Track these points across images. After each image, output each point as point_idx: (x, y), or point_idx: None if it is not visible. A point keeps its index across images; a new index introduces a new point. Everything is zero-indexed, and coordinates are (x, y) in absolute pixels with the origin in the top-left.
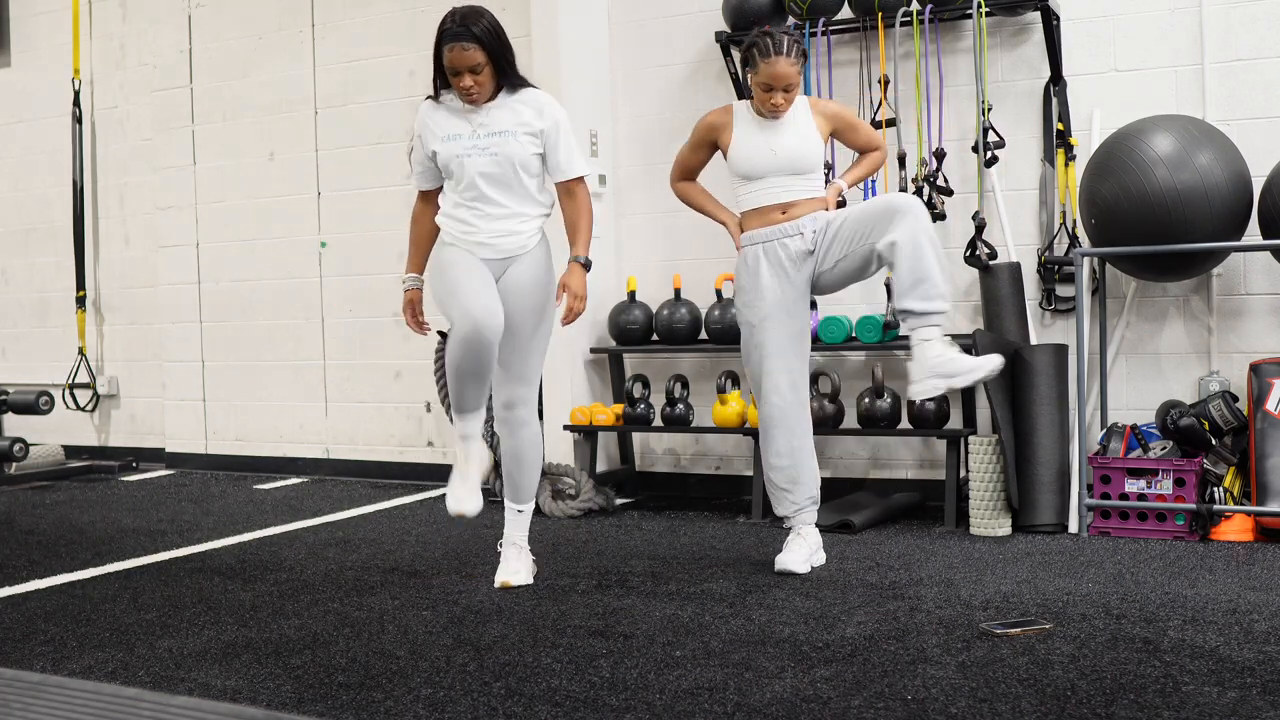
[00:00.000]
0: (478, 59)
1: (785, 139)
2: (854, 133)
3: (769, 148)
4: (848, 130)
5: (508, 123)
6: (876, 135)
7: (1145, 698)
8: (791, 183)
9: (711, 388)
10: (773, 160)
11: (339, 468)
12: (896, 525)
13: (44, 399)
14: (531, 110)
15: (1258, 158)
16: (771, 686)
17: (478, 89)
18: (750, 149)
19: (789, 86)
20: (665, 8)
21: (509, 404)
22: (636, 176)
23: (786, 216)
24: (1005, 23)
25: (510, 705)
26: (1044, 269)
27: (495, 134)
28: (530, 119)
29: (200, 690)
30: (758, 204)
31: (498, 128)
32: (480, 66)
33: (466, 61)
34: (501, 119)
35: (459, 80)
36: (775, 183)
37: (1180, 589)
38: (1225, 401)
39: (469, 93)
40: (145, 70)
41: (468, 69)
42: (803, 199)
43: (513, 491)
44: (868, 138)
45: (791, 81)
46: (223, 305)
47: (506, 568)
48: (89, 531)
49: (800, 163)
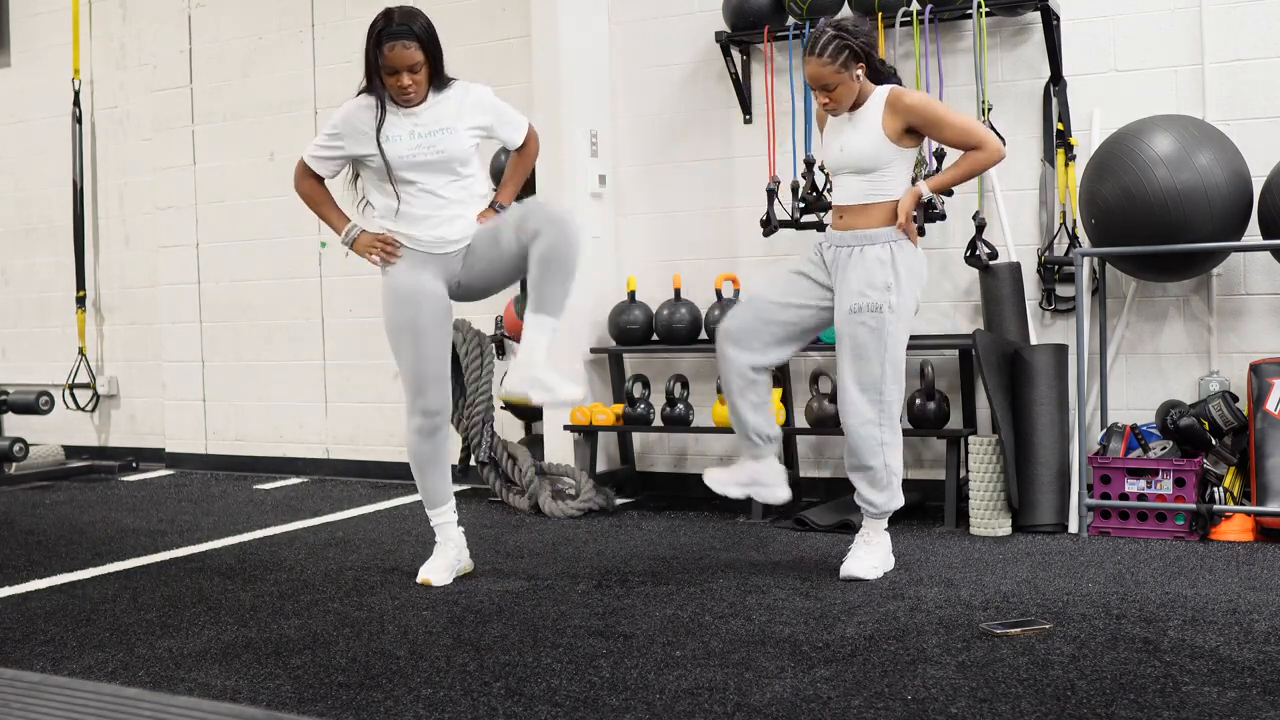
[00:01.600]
0: (417, 58)
1: (852, 137)
2: (939, 129)
3: (838, 144)
4: (930, 126)
5: (446, 119)
6: (977, 131)
7: (1145, 698)
8: (853, 183)
9: (711, 388)
10: (839, 158)
11: (339, 468)
12: (896, 525)
13: (44, 399)
14: (468, 106)
15: (1258, 158)
16: (771, 686)
17: (415, 89)
18: (828, 143)
19: (827, 86)
20: (665, 8)
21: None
22: (636, 176)
23: (843, 224)
24: (1005, 23)
25: (510, 705)
26: (1044, 269)
27: (436, 131)
28: (471, 115)
29: (200, 690)
30: (835, 201)
31: (437, 125)
32: (419, 66)
33: (406, 60)
34: (439, 116)
35: (397, 79)
36: (841, 181)
37: (1180, 589)
38: (1225, 401)
39: (405, 92)
40: (145, 70)
41: (406, 68)
42: (858, 204)
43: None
44: (961, 134)
45: (827, 81)
46: (223, 305)
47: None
48: (89, 531)
49: (861, 163)
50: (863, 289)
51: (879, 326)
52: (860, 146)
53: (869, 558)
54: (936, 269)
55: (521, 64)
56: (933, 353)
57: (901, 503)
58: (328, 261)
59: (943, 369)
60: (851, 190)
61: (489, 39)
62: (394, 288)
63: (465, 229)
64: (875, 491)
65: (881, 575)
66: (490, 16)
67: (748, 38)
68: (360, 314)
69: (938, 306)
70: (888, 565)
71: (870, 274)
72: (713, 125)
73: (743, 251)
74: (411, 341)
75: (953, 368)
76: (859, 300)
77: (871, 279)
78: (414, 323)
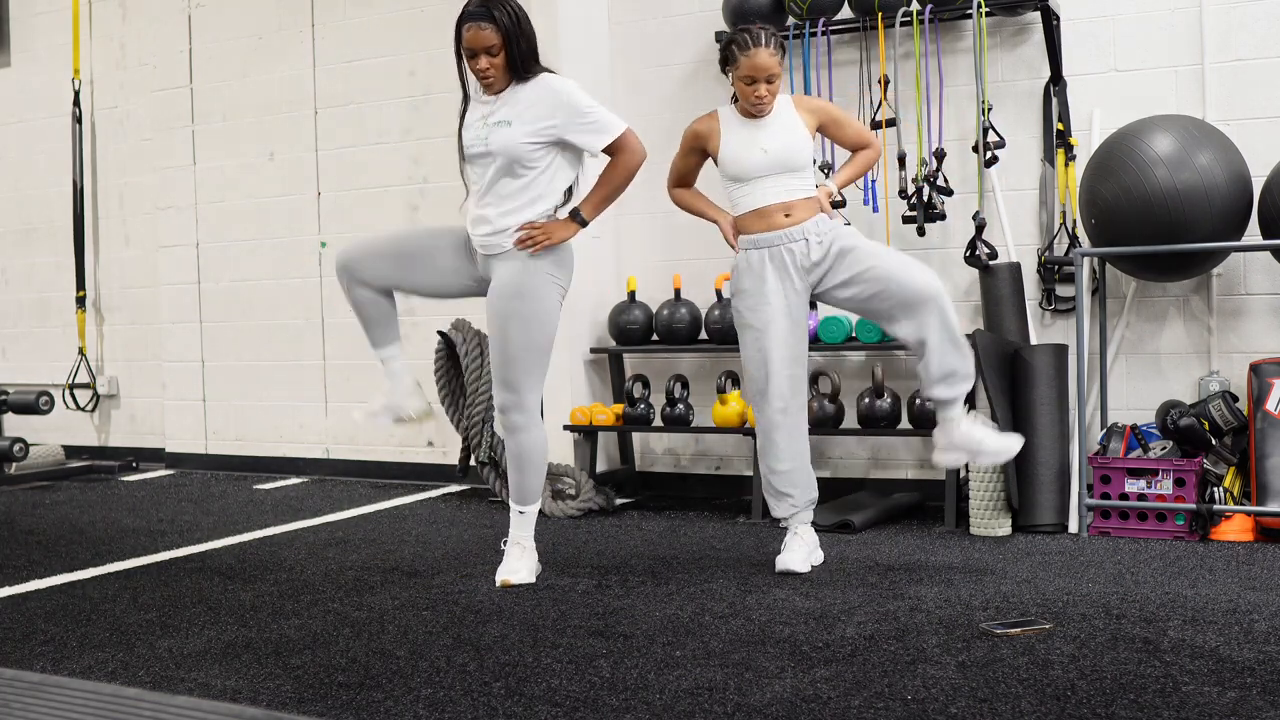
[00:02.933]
0: (492, 40)
1: (774, 137)
2: (840, 128)
3: (759, 147)
4: (833, 125)
5: (510, 113)
6: (867, 132)
7: (1145, 698)
8: (786, 181)
9: (711, 388)
10: (764, 159)
11: (339, 468)
12: (896, 525)
13: (44, 399)
14: (540, 101)
15: (1258, 158)
16: (771, 686)
17: (493, 71)
18: (740, 150)
19: (771, 77)
20: (665, 8)
21: (502, 408)
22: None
23: (791, 220)
24: (1005, 23)
25: (510, 705)
26: (1044, 269)
27: (496, 124)
28: (538, 112)
29: (200, 690)
30: (755, 205)
31: (500, 118)
32: (495, 49)
33: (481, 42)
34: (506, 110)
35: (475, 62)
36: (770, 183)
37: (1180, 589)
38: (1225, 401)
39: (484, 74)
40: (145, 70)
41: (483, 49)
42: (800, 199)
43: (515, 493)
44: (856, 134)
45: (773, 72)
46: (223, 305)
47: (507, 565)
48: (89, 531)
49: (792, 160)
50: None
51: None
52: (789, 145)
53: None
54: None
55: None
56: None
57: None
58: (328, 261)
59: None
60: (783, 189)
61: None
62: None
63: (496, 241)
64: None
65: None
66: None
67: None
68: None
69: None
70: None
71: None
72: None
73: None
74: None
75: None
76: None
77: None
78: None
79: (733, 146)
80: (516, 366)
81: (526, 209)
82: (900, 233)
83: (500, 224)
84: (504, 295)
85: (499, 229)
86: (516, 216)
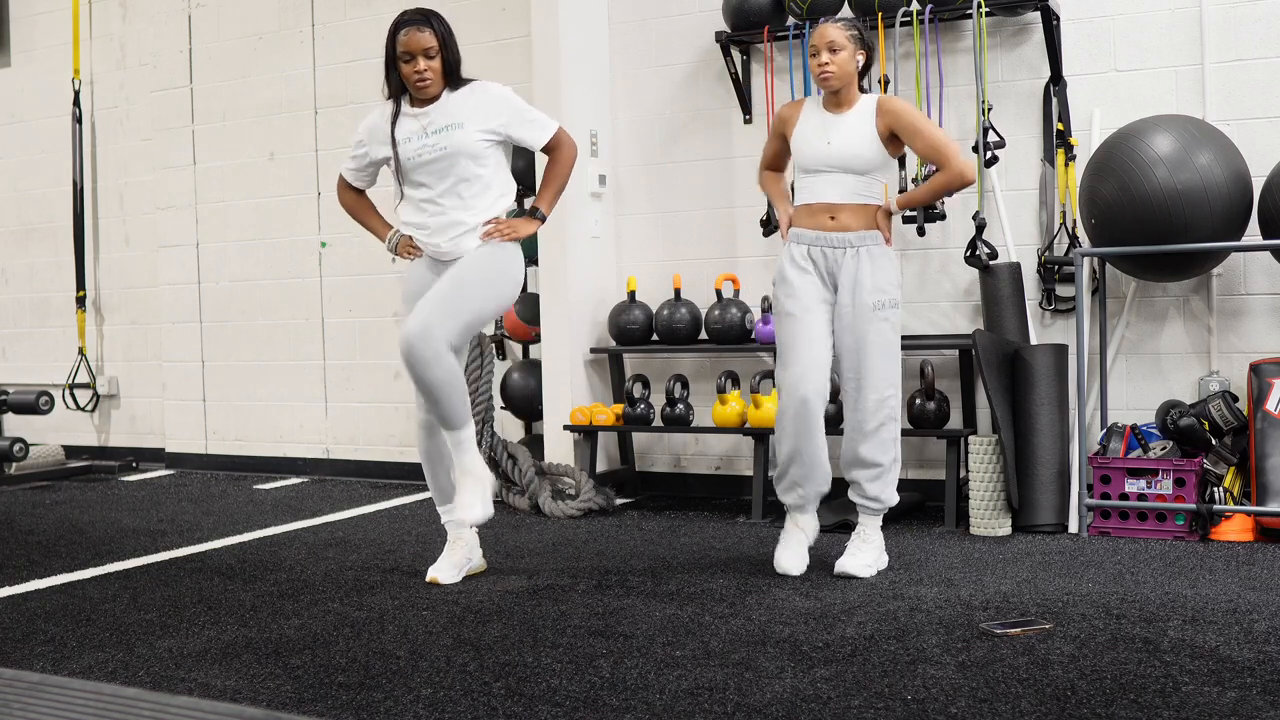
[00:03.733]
0: (431, 43)
1: (843, 134)
2: (913, 136)
3: (825, 138)
4: (906, 132)
5: (454, 115)
6: (944, 147)
7: (1145, 698)
8: (846, 181)
9: (711, 388)
10: (826, 152)
11: (339, 468)
12: (896, 525)
13: (44, 399)
14: (483, 103)
15: (1258, 158)
16: (771, 686)
17: (430, 74)
18: (809, 138)
19: (834, 47)
20: (665, 8)
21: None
22: (636, 176)
23: (835, 224)
24: (1005, 23)
25: (510, 705)
26: (1044, 269)
27: (442, 129)
28: (484, 113)
29: (200, 690)
30: (809, 200)
31: (444, 122)
32: (433, 51)
33: (420, 44)
34: (448, 113)
35: (412, 65)
36: (829, 179)
37: (1180, 589)
38: (1225, 401)
39: (422, 76)
40: (145, 70)
41: (421, 51)
42: (853, 204)
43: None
44: (928, 147)
45: (836, 42)
46: (223, 305)
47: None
48: (89, 531)
49: (853, 160)
50: (882, 285)
51: (898, 322)
52: (854, 145)
53: (865, 554)
54: (936, 269)
55: (521, 64)
56: (933, 353)
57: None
58: (328, 261)
59: (943, 369)
60: (840, 189)
61: (489, 39)
62: (405, 284)
63: (459, 243)
64: (884, 487)
65: (876, 573)
66: (490, 16)
67: (747, 38)
68: (360, 314)
69: (938, 306)
70: (882, 563)
71: (885, 271)
72: (713, 125)
73: (743, 251)
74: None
75: (953, 368)
76: (881, 297)
77: (888, 276)
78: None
79: (804, 134)
80: (449, 304)
81: (495, 205)
82: (900, 232)
83: (471, 222)
84: (473, 257)
85: (470, 227)
86: (488, 213)
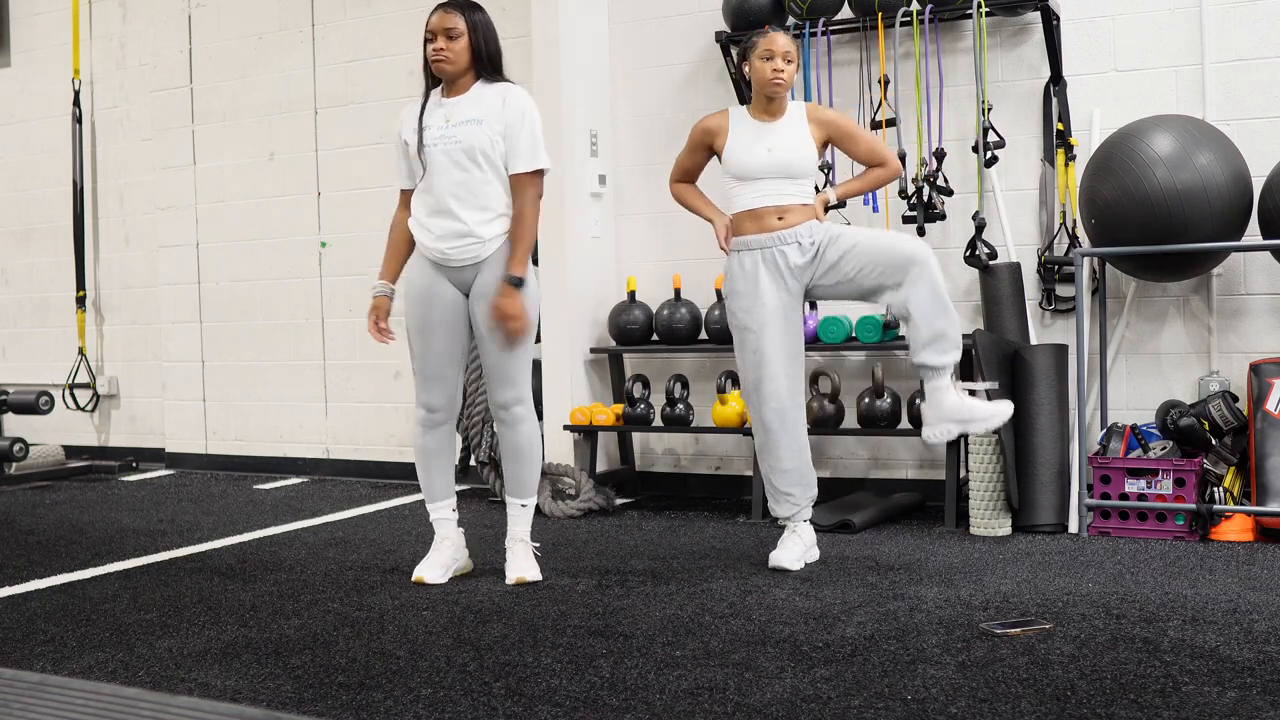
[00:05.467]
0: (457, 25)
1: (781, 140)
2: (852, 142)
3: (764, 147)
4: (845, 139)
5: (478, 111)
6: (882, 149)
7: (1145, 698)
8: (784, 186)
9: (711, 388)
10: (767, 160)
11: (339, 468)
12: (896, 525)
13: (44, 399)
14: (504, 104)
15: (1258, 158)
16: (771, 686)
17: (448, 53)
18: (745, 148)
19: (788, 55)
20: (665, 8)
21: (503, 405)
22: (636, 176)
23: (784, 224)
24: (1005, 23)
25: (510, 705)
26: (1044, 269)
27: (461, 122)
28: (498, 115)
29: (200, 690)
30: (751, 205)
31: (464, 116)
32: (457, 34)
33: (444, 23)
34: (474, 107)
35: (433, 44)
36: (769, 186)
37: (1180, 589)
38: (1225, 401)
39: (439, 54)
40: (145, 70)
41: (443, 30)
42: (795, 204)
43: (514, 487)
44: (869, 150)
45: (791, 54)
46: (223, 305)
47: (516, 564)
48: (89, 531)
49: (793, 166)
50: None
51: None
52: (794, 151)
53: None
54: None
55: (521, 64)
56: None
57: None
58: (328, 261)
59: None
60: (781, 193)
61: None
62: (411, 285)
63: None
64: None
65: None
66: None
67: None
68: (360, 314)
69: None
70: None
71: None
72: None
73: None
74: (418, 340)
75: None
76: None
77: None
78: (423, 322)
79: (739, 145)
80: (512, 364)
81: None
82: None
83: (481, 233)
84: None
85: (480, 238)
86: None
